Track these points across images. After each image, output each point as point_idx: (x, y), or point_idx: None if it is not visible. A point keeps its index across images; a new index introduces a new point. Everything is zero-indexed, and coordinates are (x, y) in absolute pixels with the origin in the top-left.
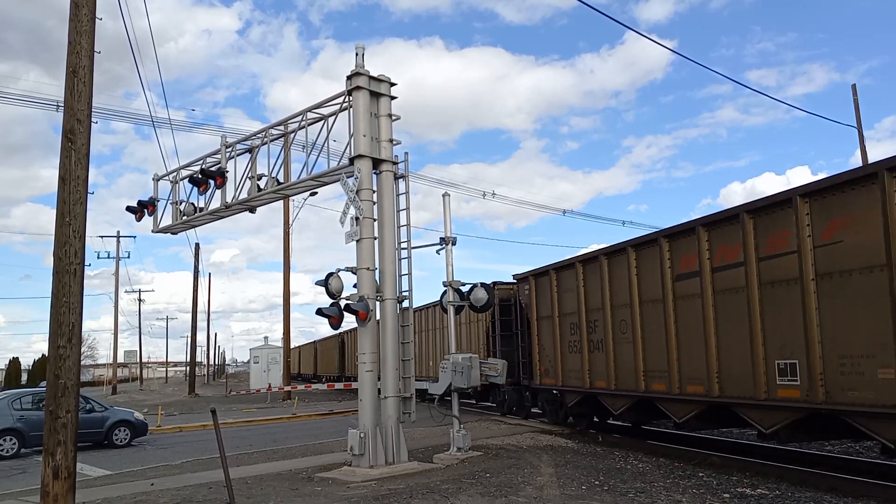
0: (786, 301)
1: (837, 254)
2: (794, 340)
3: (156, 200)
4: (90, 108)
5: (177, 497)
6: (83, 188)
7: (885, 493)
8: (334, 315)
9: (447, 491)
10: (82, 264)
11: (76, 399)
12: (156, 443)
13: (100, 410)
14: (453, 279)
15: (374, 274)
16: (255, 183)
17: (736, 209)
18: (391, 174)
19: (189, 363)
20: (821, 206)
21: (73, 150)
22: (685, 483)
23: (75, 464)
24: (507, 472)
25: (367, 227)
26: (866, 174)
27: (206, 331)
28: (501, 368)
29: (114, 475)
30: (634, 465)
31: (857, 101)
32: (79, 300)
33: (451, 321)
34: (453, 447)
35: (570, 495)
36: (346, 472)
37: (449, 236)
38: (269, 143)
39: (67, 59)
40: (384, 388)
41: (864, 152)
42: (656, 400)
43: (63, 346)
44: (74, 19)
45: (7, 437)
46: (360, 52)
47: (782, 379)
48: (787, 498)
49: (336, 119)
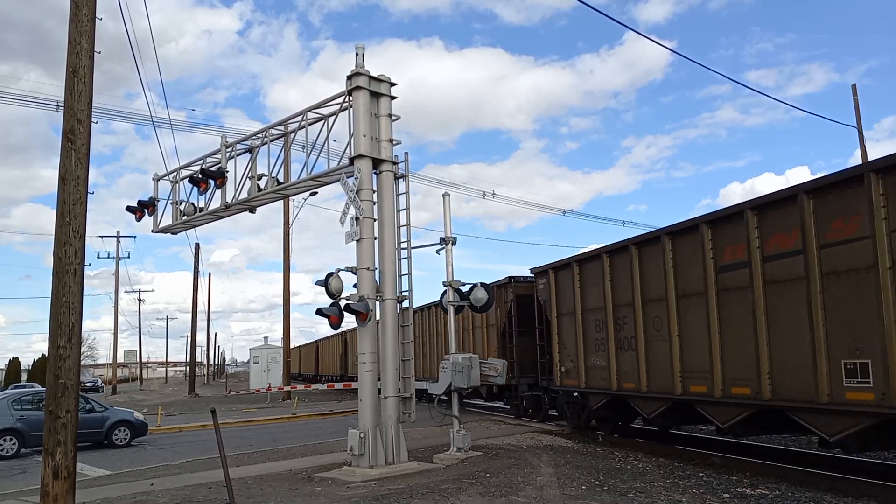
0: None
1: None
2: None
3: (156, 200)
4: (90, 108)
5: (177, 497)
6: (83, 188)
7: (885, 493)
8: (334, 315)
9: (447, 491)
10: (82, 264)
11: (76, 399)
12: (156, 443)
13: (100, 410)
14: (453, 279)
15: (374, 274)
16: (255, 183)
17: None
18: (391, 174)
19: (189, 363)
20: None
21: (73, 150)
22: (685, 483)
23: (75, 464)
24: (507, 472)
25: (367, 227)
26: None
27: (206, 331)
28: (501, 368)
29: (114, 475)
30: (634, 465)
31: (857, 100)
32: (79, 300)
33: (451, 321)
34: (453, 447)
35: (570, 495)
36: (346, 472)
37: (449, 236)
38: (269, 143)
39: (67, 59)
40: (384, 388)
41: (864, 152)
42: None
43: (63, 346)
44: (74, 19)
45: (7, 437)
46: (360, 52)
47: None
48: (787, 498)
49: (336, 119)
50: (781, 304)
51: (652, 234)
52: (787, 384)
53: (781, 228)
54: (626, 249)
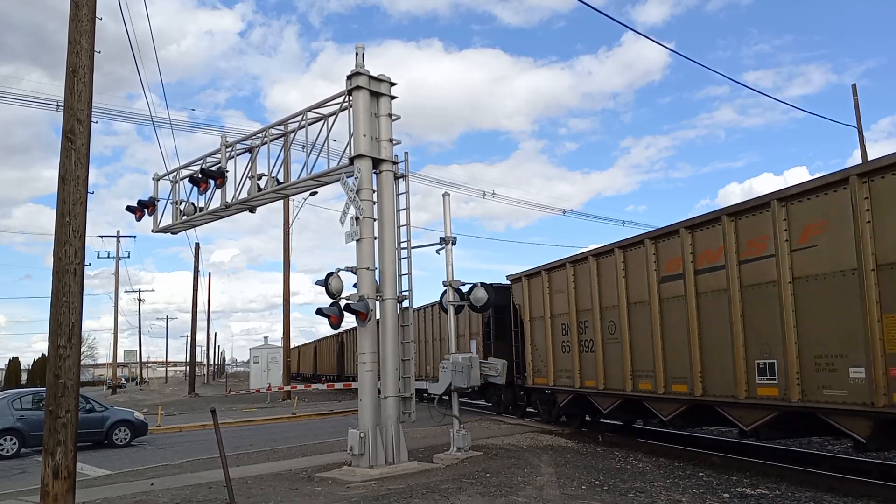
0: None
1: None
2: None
3: (156, 200)
4: (90, 108)
5: (177, 497)
6: (83, 188)
7: (885, 493)
8: (334, 315)
9: (447, 491)
10: (82, 264)
11: (76, 399)
12: (156, 443)
13: (100, 410)
14: (453, 279)
15: (374, 274)
16: (255, 183)
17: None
18: (391, 174)
19: (189, 363)
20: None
21: (73, 150)
22: (685, 483)
23: (75, 464)
24: (507, 471)
25: (367, 227)
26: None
27: (206, 331)
28: (501, 368)
29: (114, 475)
30: (634, 464)
31: (857, 101)
32: (79, 300)
33: (451, 321)
34: (453, 447)
35: (570, 495)
36: (346, 471)
37: (449, 236)
38: (269, 142)
39: (67, 59)
40: (384, 388)
41: (864, 152)
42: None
43: (63, 345)
44: (74, 19)
45: (7, 437)
46: (360, 52)
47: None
48: (787, 498)
49: (336, 119)
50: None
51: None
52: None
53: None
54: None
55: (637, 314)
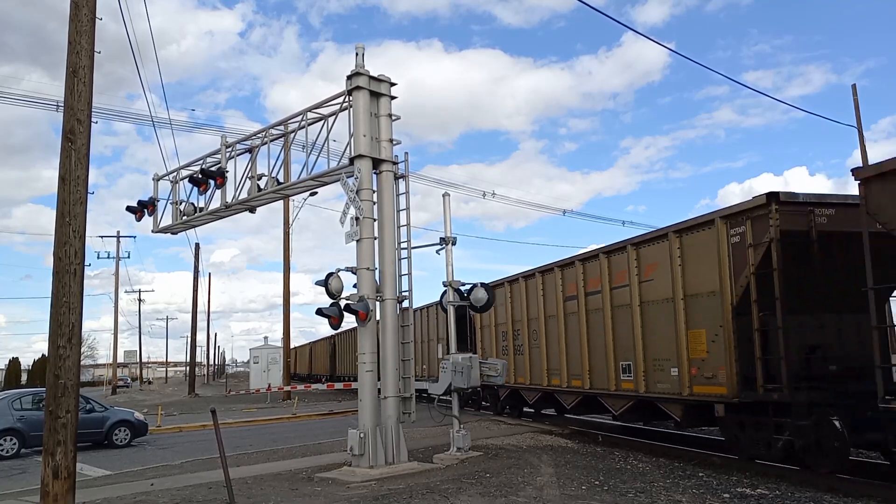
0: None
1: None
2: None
3: (156, 200)
4: (90, 108)
5: (177, 497)
6: (83, 188)
7: (885, 493)
8: (334, 315)
9: (447, 491)
10: (82, 264)
11: (76, 399)
12: (156, 443)
13: (100, 410)
14: (453, 279)
15: (374, 274)
16: (255, 183)
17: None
18: (391, 174)
19: (189, 363)
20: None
21: (73, 150)
22: (685, 483)
23: (75, 464)
24: (507, 472)
25: (367, 227)
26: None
27: (206, 331)
28: (501, 369)
29: (114, 475)
30: (634, 465)
31: (857, 101)
32: (79, 300)
33: (451, 321)
34: (453, 447)
35: (570, 495)
36: (346, 472)
37: (449, 236)
38: (269, 143)
39: (67, 59)
40: (384, 389)
41: (864, 152)
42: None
43: (63, 346)
44: (74, 19)
45: (7, 437)
46: (360, 52)
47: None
48: (787, 498)
49: (336, 119)
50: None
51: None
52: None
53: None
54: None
55: (551, 325)
